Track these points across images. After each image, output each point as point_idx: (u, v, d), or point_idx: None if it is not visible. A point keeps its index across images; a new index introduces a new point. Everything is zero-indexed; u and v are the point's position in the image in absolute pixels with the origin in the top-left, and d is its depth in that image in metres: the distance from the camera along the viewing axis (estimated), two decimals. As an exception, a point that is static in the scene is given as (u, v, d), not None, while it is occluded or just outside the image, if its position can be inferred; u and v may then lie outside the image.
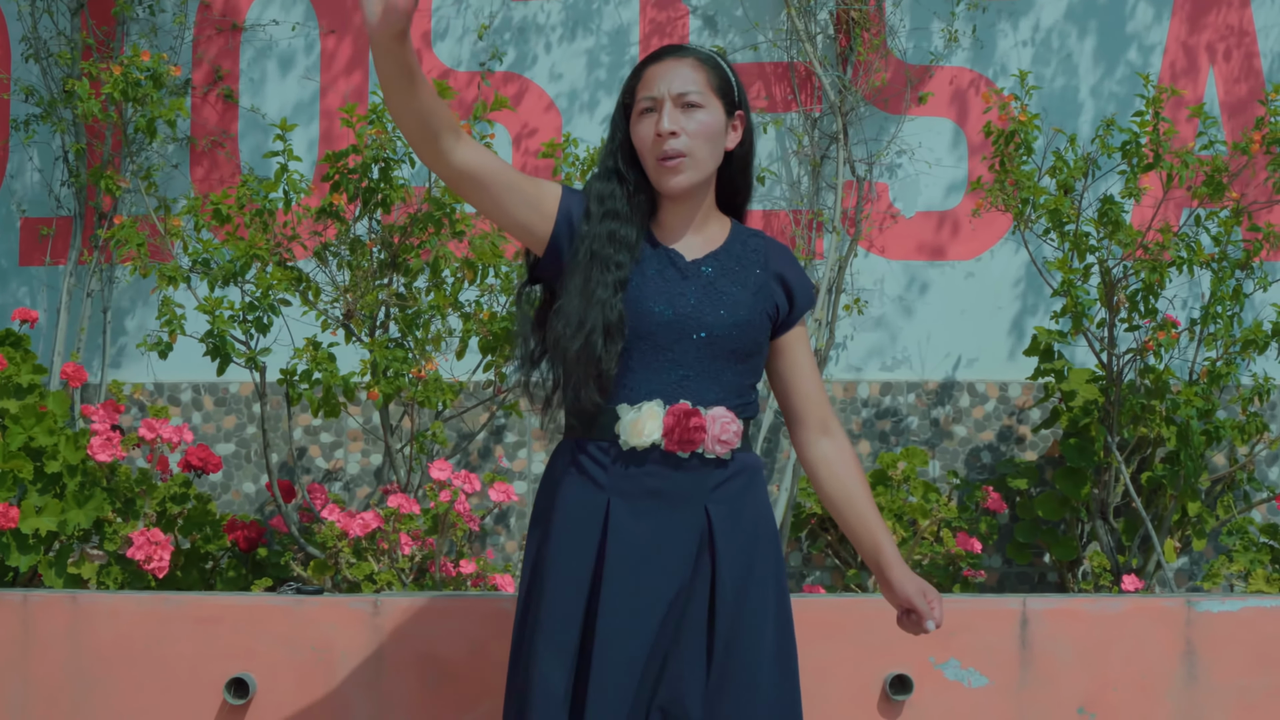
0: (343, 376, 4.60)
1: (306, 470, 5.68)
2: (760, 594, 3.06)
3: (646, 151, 3.01)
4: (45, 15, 5.76)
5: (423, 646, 3.96)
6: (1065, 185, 4.74)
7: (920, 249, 5.66)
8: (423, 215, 4.64)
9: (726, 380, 3.02)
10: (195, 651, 3.98)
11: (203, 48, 5.85)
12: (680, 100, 2.98)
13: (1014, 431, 5.60)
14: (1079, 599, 4.17)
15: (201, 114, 5.84)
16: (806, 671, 3.97)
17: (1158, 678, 4.10)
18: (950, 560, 5.07)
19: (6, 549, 4.29)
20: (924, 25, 5.67)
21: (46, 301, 5.82)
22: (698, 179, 3.02)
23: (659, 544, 2.98)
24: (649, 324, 2.98)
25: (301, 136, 5.73)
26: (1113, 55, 5.67)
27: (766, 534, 3.10)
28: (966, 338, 5.64)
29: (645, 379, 2.99)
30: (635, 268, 3.00)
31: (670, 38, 5.72)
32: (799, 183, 5.68)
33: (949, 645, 4.05)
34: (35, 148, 5.85)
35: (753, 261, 3.10)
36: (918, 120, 5.67)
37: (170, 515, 4.91)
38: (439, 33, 5.80)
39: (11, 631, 4.05)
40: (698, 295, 3.01)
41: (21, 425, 4.36)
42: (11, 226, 5.89)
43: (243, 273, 4.56)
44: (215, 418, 5.73)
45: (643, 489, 2.99)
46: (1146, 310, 4.82)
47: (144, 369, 5.73)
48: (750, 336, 3.04)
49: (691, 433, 2.96)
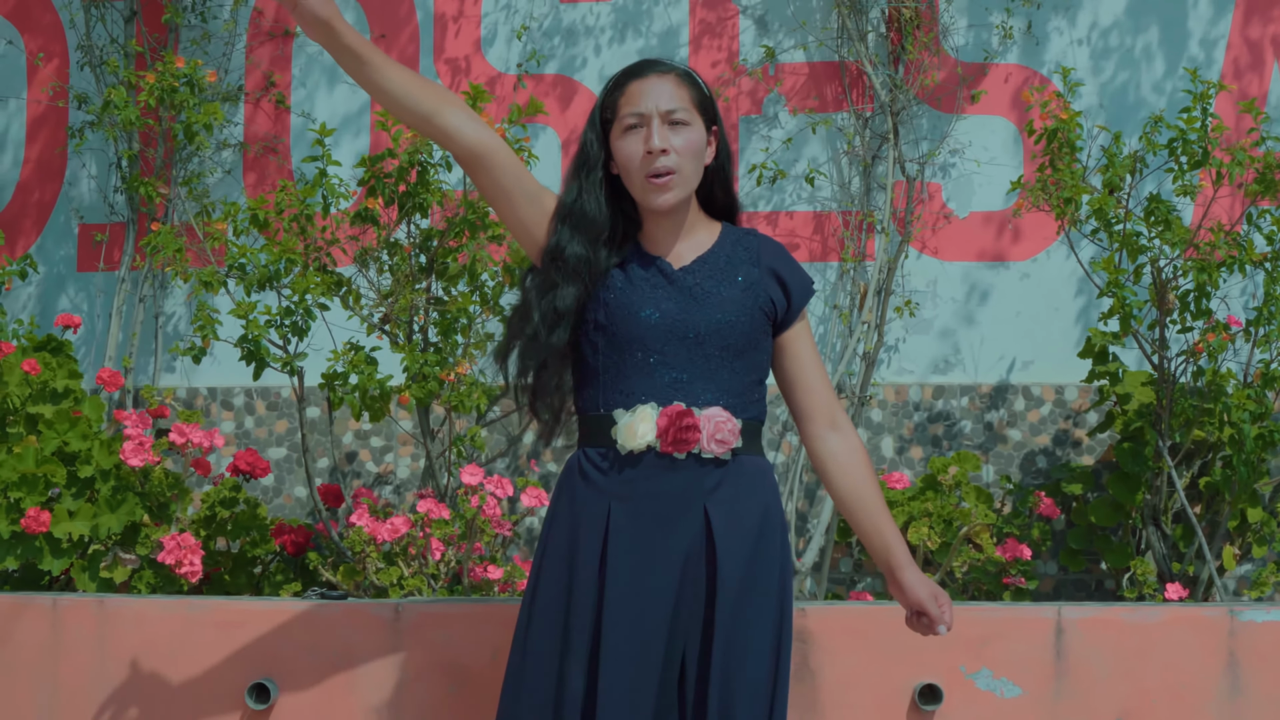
0: (378, 380, 4.59)
1: (357, 474, 5.69)
2: (762, 602, 3.05)
3: (634, 168, 3.04)
4: (99, 24, 5.83)
5: (443, 652, 3.94)
6: (1110, 184, 4.63)
7: (975, 250, 5.56)
8: (459, 220, 4.63)
9: (722, 380, 3.04)
10: (218, 656, 4.00)
11: (255, 54, 5.88)
12: (668, 117, 3.03)
13: (1070, 435, 5.49)
14: (1116, 608, 4.07)
15: (255, 120, 5.88)
16: (833, 680, 3.94)
17: (1199, 689, 4.00)
18: (997, 567, 4.97)
19: (40, 553, 4.33)
20: (978, 22, 5.57)
21: (102, 307, 5.89)
22: (685, 195, 3.08)
23: (658, 546, 2.99)
24: (638, 329, 3.02)
25: (351, 144, 5.75)
26: (1174, 51, 5.54)
27: (771, 538, 3.08)
28: (1022, 340, 5.54)
29: (639, 383, 3.03)
30: (624, 278, 3.06)
31: (720, 38, 5.67)
32: (849, 183, 5.60)
33: (981, 655, 3.97)
34: (92, 154, 5.92)
35: (744, 260, 3.12)
36: (971, 119, 5.57)
37: (220, 519, 4.94)
38: (488, 38, 5.80)
39: (41, 634, 4.09)
40: (685, 298, 3.05)
41: (55, 430, 4.40)
42: (70, 233, 5.97)
43: (277, 278, 4.57)
44: (267, 422, 5.76)
45: (641, 492, 3.01)
46: (1198, 311, 4.70)
47: (197, 373, 5.77)
48: (741, 332, 3.05)
49: (685, 433, 2.99)
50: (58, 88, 5.95)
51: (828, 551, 5.25)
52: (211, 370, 5.67)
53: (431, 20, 5.83)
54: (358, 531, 4.29)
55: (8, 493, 4.32)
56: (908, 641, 3.95)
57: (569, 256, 3.05)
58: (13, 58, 6.05)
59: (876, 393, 5.51)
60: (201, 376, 5.78)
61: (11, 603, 4.11)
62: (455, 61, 5.80)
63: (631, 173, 3.04)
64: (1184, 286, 4.74)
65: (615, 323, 3.03)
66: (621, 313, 3.03)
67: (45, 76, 6.01)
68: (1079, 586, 5.41)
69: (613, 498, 3.02)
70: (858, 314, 5.44)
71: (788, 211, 5.61)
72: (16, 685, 4.08)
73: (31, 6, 6.04)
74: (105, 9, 5.87)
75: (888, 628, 3.97)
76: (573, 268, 3.05)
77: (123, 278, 5.74)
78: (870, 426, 5.53)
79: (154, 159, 5.71)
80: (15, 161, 6.03)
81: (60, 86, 5.95)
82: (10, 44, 6.04)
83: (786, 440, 5.53)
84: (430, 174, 4.64)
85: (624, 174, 3.07)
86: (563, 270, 3.06)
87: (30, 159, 6.02)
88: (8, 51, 6.05)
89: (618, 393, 3.03)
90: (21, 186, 6.02)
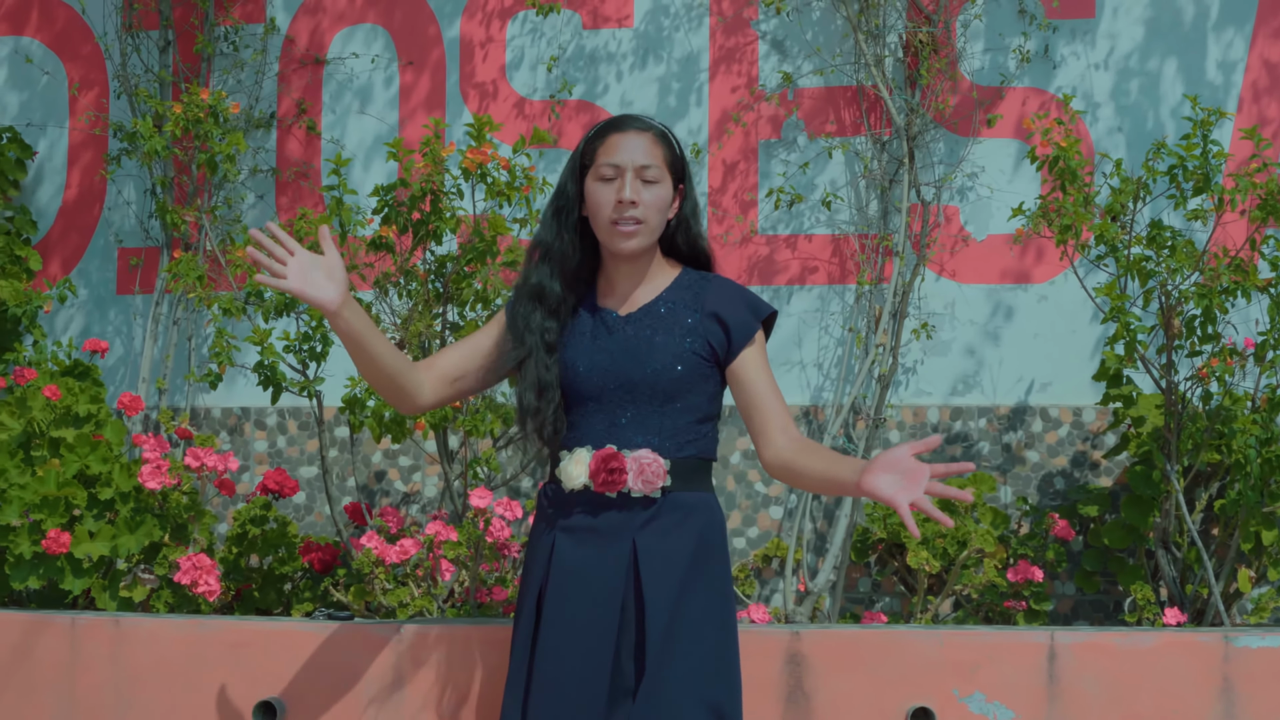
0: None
1: (385, 493, 5.81)
2: (692, 630, 3.22)
3: (604, 215, 3.27)
4: (134, 54, 5.99)
5: (444, 673, 4.04)
6: (1112, 210, 4.66)
7: (993, 272, 5.60)
8: (470, 248, 4.72)
9: (653, 424, 3.28)
10: (227, 675, 4.12)
11: (287, 82, 6.02)
12: (641, 173, 3.26)
13: (1088, 457, 5.51)
14: (1110, 633, 4.10)
15: (287, 146, 6.01)
16: (825, 703, 3.99)
17: (1192, 715, 4.01)
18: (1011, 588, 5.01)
19: (61, 572, 4.47)
20: (994, 46, 5.61)
21: (137, 329, 6.04)
22: (647, 244, 3.31)
23: (591, 575, 3.24)
24: (573, 380, 3.30)
25: (380, 170, 5.87)
26: (1193, 74, 5.55)
27: (702, 569, 3.27)
28: (1040, 362, 5.57)
29: (581, 428, 3.31)
30: (571, 330, 3.34)
31: (740, 63, 5.74)
32: (866, 207, 5.66)
33: (974, 679, 4.02)
34: (128, 180, 6.08)
35: (687, 306, 3.33)
36: (988, 143, 5.62)
37: (251, 536, 5.07)
38: (513, 63, 5.90)
39: (60, 652, 4.22)
40: (620, 348, 3.29)
41: (77, 453, 4.54)
42: (110, 257, 6.12)
43: (294, 304, 4.69)
44: (299, 441, 5.89)
45: (581, 525, 3.29)
46: (1204, 336, 4.71)
47: (231, 393, 5.91)
48: (673, 379, 3.27)
49: (613, 475, 3.24)
50: (93, 117, 6.12)
51: (842, 571, 5.30)
52: (246, 390, 5.82)
53: (458, 46, 5.94)
54: (366, 553, 4.40)
55: (30, 514, 4.46)
56: (901, 665, 4.02)
57: (549, 295, 3.33)
58: (56, 86, 6.22)
59: (894, 414, 5.57)
60: (236, 397, 5.92)
61: (32, 621, 4.25)
62: (482, 86, 5.91)
63: (601, 218, 3.28)
64: (1190, 312, 4.76)
65: (562, 373, 3.31)
66: (564, 366, 3.30)
67: (86, 105, 6.19)
68: (1097, 608, 5.43)
69: (559, 530, 3.30)
70: (873, 336, 5.49)
71: (806, 235, 5.68)
72: (36, 700, 4.22)
73: (73, 36, 6.22)
74: (141, 39, 6.03)
75: (881, 651, 4.03)
76: (553, 306, 3.33)
77: (157, 301, 5.89)
78: (887, 448, 5.57)
79: (187, 185, 5.86)
80: (58, 187, 6.21)
81: (96, 116, 6.11)
82: (48, 75, 6.21)
83: (805, 461, 5.58)
84: (443, 201, 4.74)
85: (593, 218, 3.30)
86: (546, 306, 3.33)
87: (72, 184, 6.19)
88: (51, 80, 6.22)
89: (565, 435, 3.32)
90: (64, 211, 6.19)
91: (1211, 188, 4.61)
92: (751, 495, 5.63)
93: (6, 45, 6.29)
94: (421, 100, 5.94)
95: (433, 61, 5.95)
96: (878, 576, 5.50)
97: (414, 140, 5.80)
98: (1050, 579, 5.35)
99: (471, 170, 4.65)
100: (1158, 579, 5.17)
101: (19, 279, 5.72)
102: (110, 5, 6.12)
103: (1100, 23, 5.60)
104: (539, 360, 3.29)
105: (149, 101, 5.65)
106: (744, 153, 5.75)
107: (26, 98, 6.26)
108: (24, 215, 6.00)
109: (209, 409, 5.94)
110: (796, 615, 5.16)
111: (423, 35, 5.96)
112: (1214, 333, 4.73)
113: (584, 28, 5.87)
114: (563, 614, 3.23)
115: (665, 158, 3.29)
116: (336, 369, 5.00)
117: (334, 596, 4.56)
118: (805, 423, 5.62)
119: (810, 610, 5.25)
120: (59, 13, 6.25)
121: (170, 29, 6.05)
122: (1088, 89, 5.57)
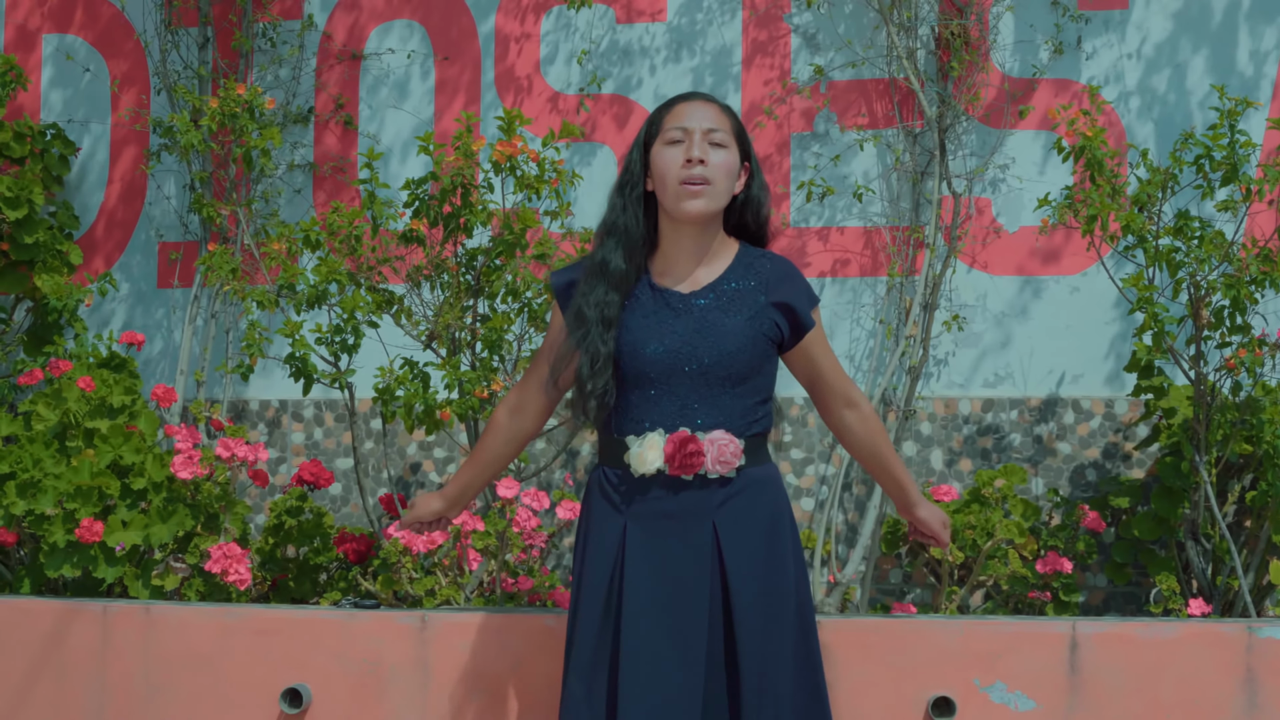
0: (423, 396, 4.74)
1: (421, 484, 5.86)
2: (779, 604, 3.29)
3: (670, 176, 3.27)
4: (174, 50, 6.07)
5: (468, 661, 4.08)
6: (1138, 200, 4.66)
7: (1025, 264, 5.60)
8: (500, 240, 4.76)
9: (725, 404, 3.27)
10: (254, 662, 4.18)
11: (324, 77, 6.08)
12: (708, 136, 3.28)
13: (1119, 449, 5.50)
14: (1132, 623, 4.10)
15: (324, 141, 6.07)
16: (846, 692, 4.01)
17: (1215, 705, 4.01)
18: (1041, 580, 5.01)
19: (94, 561, 4.54)
20: (1026, 38, 5.60)
21: (175, 322, 6.12)
22: (714, 207, 3.30)
23: (674, 559, 3.24)
24: (643, 363, 3.26)
25: (415, 164, 5.92)
26: (1223, 65, 5.53)
27: (780, 539, 3.33)
28: (1071, 353, 5.57)
29: (648, 411, 3.28)
30: (631, 310, 3.31)
31: (772, 57, 5.76)
32: (898, 199, 5.67)
33: (995, 668, 4.02)
34: (168, 175, 6.16)
35: (754, 289, 3.33)
36: (1019, 134, 5.61)
37: (287, 527, 5.14)
38: (548, 58, 5.94)
39: (92, 640, 4.30)
40: (689, 330, 3.27)
41: (110, 444, 4.61)
42: (150, 252, 6.20)
43: (326, 297, 4.74)
44: (335, 433, 5.95)
45: (654, 511, 3.28)
46: (1233, 327, 4.70)
47: (269, 386, 5.98)
48: (744, 361, 3.27)
49: (690, 458, 3.23)
50: (133, 113, 6.20)
51: (872, 562, 5.31)
52: (283, 383, 5.89)
53: (493, 41, 5.98)
54: (394, 542, 4.45)
55: (64, 503, 4.54)
56: (922, 654, 4.03)
57: (612, 269, 3.31)
58: (98, 83, 6.31)
59: (925, 406, 5.57)
60: (273, 389, 5.99)
61: (65, 608, 4.33)
62: (517, 81, 5.95)
63: (668, 180, 3.27)
64: (1219, 302, 4.74)
65: (624, 357, 3.27)
66: (629, 349, 3.27)
67: (127, 101, 6.27)
68: (1128, 599, 5.43)
69: (628, 517, 3.28)
70: (903, 328, 5.50)
71: (838, 227, 5.69)
72: (70, 686, 4.29)
73: (115, 33, 6.30)
74: (181, 36, 6.11)
75: (902, 641, 4.05)
76: (615, 280, 3.31)
77: (195, 294, 5.97)
78: (920, 439, 5.59)
79: (225, 180, 5.93)
80: (100, 183, 6.29)
81: (136, 112, 6.19)
82: (90, 72, 6.29)
83: (837, 453, 5.61)
84: (474, 195, 4.78)
85: (659, 183, 3.30)
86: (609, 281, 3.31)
87: (113, 180, 6.27)
88: (94, 78, 6.31)
89: (629, 419, 3.29)
90: (105, 207, 6.28)
91: (1239, 178, 4.60)
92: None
93: (51, 43, 6.38)
94: (457, 95, 5.99)
95: (468, 56, 6.00)
96: (908, 568, 5.51)
97: (448, 135, 5.84)
98: (1081, 571, 5.34)
99: (501, 163, 4.69)
100: (1188, 571, 5.16)
101: (60, 274, 5.81)
102: (151, 2, 6.20)
103: (1132, 13, 5.59)
104: (595, 334, 3.27)
105: (188, 97, 5.73)
106: (776, 145, 5.77)
107: (70, 95, 6.36)
108: (67, 210, 6.09)
109: (247, 401, 6.01)
110: (825, 606, 5.17)
111: (458, 30, 6.01)
112: (1243, 323, 4.72)
113: (617, 22, 5.90)
114: (649, 602, 3.23)
115: (732, 128, 3.33)
116: (368, 360, 5.06)
117: (363, 586, 4.61)
118: (836, 414, 5.63)
119: (840, 601, 5.26)
120: (102, 10, 6.34)
121: (209, 26, 6.12)
122: (1120, 80, 5.56)
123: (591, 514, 3.38)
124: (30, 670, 4.32)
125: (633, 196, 3.34)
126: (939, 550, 4.94)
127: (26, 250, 5.76)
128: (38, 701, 4.32)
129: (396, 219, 4.93)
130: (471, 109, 5.94)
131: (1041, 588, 5.07)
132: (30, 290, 5.85)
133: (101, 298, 6.11)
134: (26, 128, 5.91)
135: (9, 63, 5.81)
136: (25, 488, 4.57)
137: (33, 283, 5.81)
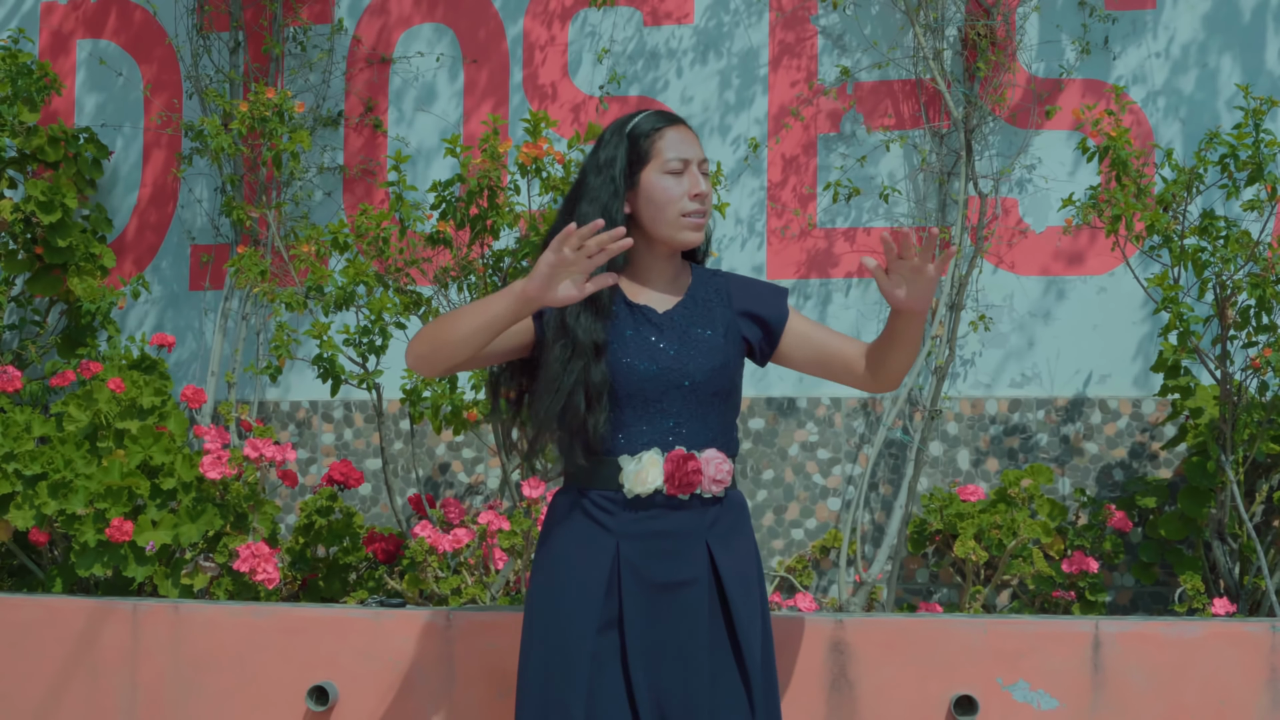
0: (451, 397, 4.78)
1: (450, 485, 5.90)
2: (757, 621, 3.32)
3: (673, 207, 3.24)
4: (205, 54, 6.13)
5: (492, 659, 4.11)
6: (1163, 200, 4.66)
7: (1051, 264, 5.60)
8: (526, 241, 4.80)
9: (713, 422, 3.28)
10: (282, 660, 4.22)
11: (354, 81, 6.13)
12: (702, 168, 3.29)
13: (1146, 449, 5.50)
14: (1155, 622, 4.10)
15: (353, 144, 6.12)
16: (869, 691, 4.03)
17: (1239, 705, 4.01)
18: (1067, 579, 5.01)
19: (124, 560, 4.59)
20: (1053, 39, 5.61)
21: (206, 324, 6.17)
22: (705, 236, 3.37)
23: (671, 582, 3.22)
24: (636, 381, 3.22)
25: (443, 166, 5.96)
26: (1252, 65, 5.52)
27: (754, 566, 3.35)
28: (1098, 353, 5.56)
29: (641, 430, 3.23)
30: (613, 329, 3.24)
31: (799, 58, 5.78)
32: (925, 200, 5.68)
33: (1018, 667, 4.03)
34: (200, 178, 6.22)
35: (718, 301, 3.35)
36: (1046, 134, 5.62)
37: (317, 527, 5.18)
38: (574, 62, 5.97)
39: (122, 638, 4.35)
40: (676, 346, 3.25)
41: (140, 445, 4.66)
42: (182, 254, 6.26)
43: (353, 299, 4.78)
44: (365, 434, 5.99)
45: (649, 531, 3.23)
46: (1259, 326, 4.69)
47: (297, 387, 6.03)
48: (728, 377, 3.29)
49: (690, 476, 3.21)
50: (165, 117, 6.26)
51: (898, 561, 5.32)
52: (313, 384, 5.94)
53: (521, 45, 6.02)
54: (419, 542, 4.49)
55: (95, 503, 4.59)
56: (944, 653, 4.04)
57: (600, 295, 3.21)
58: (131, 87, 6.37)
59: (951, 406, 5.58)
60: (304, 390, 6.04)
61: (96, 607, 4.38)
62: (543, 86, 5.99)
63: (668, 210, 3.25)
64: (1244, 302, 4.74)
65: (618, 377, 3.21)
66: (625, 369, 3.21)
67: (159, 105, 6.33)
68: (1156, 599, 5.42)
69: (621, 537, 3.22)
70: (929, 328, 5.51)
71: (864, 228, 5.70)
72: (101, 684, 4.35)
73: (147, 38, 6.37)
74: (212, 40, 6.17)
75: (925, 640, 4.06)
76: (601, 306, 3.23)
77: (227, 296, 6.02)
78: (946, 439, 5.60)
79: (256, 183, 5.99)
80: (132, 185, 6.35)
81: (168, 115, 6.26)
82: (122, 76, 6.36)
83: (863, 453, 5.62)
84: (500, 197, 4.82)
85: (654, 209, 3.25)
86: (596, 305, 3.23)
87: (146, 183, 6.33)
88: (126, 82, 6.37)
89: (620, 439, 3.23)
90: (138, 210, 6.34)
91: (1265, 177, 4.59)
92: (810, 487, 5.66)
93: (85, 48, 6.45)
94: (485, 98, 6.03)
95: (495, 60, 6.04)
96: (934, 567, 5.51)
97: (475, 137, 5.88)
98: (1108, 571, 5.35)
99: (527, 165, 4.73)
100: (1215, 571, 5.15)
101: (94, 276, 5.87)
102: (182, 7, 6.26)
103: (1161, 13, 5.59)
104: (589, 365, 3.18)
105: (219, 101, 5.78)
106: (803, 146, 5.79)
107: (103, 99, 6.42)
108: (100, 213, 6.15)
109: (277, 402, 6.06)
110: (851, 606, 5.19)
111: (486, 33, 6.05)
112: (1269, 323, 4.71)
113: (645, 24, 5.93)
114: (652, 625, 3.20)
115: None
116: (395, 361, 5.10)
117: (389, 585, 4.65)
118: (863, 414, 5.65)
119: (866, 601, 5.28)
120: (135, 15, 6.40)
121: (240, 30, 6.18)
122: (1148, 80, 5.56)
123: (567, 536, 3.27)
124: (63, 668, 4.38)
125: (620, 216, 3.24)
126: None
127: (60, 253, 5.82)
128: (71, 699, 4.37)
129: (424, 221, 4.96)
130: (499, 112, 5.97)
131: (1067, 587, 5.08)
132: (64, 293, 5.91)
133: (134, 300, 6.17)
134: (60, 132, 5.97)
135: (44, 68, 5.87)
136: (57, 488, 4.63)
137: (66, 286, 5.87)
